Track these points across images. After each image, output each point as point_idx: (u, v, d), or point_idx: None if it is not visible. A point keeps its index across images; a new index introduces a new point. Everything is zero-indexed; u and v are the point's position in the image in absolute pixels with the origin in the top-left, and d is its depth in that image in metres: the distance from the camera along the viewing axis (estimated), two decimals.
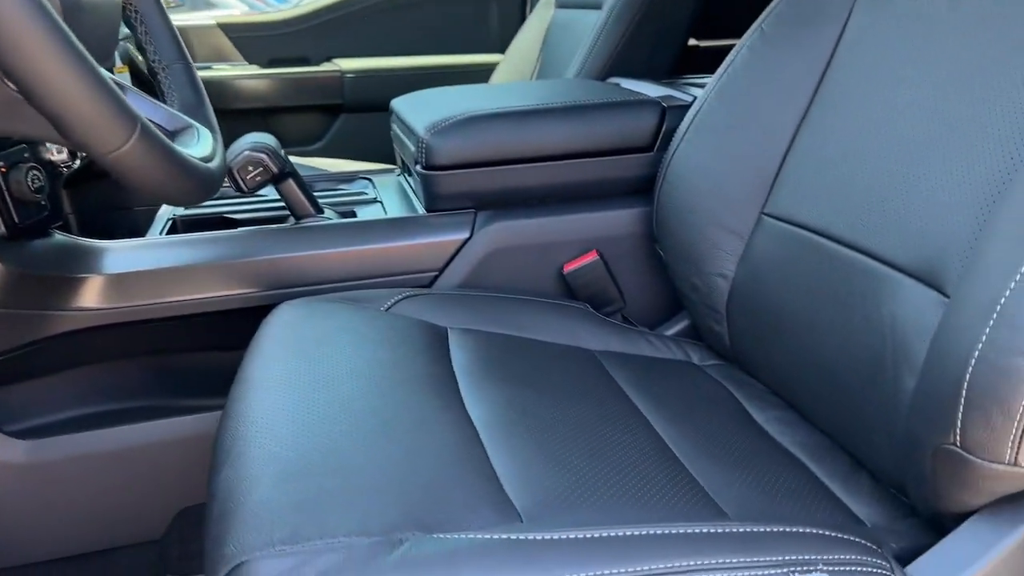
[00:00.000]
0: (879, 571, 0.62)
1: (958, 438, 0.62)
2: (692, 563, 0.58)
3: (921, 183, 0.77)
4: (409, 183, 1.30)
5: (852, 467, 0.84)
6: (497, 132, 1.09)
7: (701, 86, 1.31)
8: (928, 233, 0.75)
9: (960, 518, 0.67)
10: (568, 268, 1.12)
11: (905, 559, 0.67)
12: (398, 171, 1.40)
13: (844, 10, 0.95)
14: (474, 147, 1.09)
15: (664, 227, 1.08)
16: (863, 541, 0.65)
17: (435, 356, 0.90)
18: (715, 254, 1.02)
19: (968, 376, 0.60)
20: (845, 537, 0.65)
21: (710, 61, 1.30)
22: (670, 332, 1.14)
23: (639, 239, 1.15)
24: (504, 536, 0.59)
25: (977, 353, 0.60)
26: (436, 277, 1.11)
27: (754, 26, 1.03)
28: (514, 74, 1.98)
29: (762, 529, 0.63)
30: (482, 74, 2.17)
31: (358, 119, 2.19)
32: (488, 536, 0.59)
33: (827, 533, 0.65)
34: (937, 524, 0.71)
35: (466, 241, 1.11)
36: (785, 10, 1.01)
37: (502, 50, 2.11)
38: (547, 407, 0.84)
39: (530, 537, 0.59)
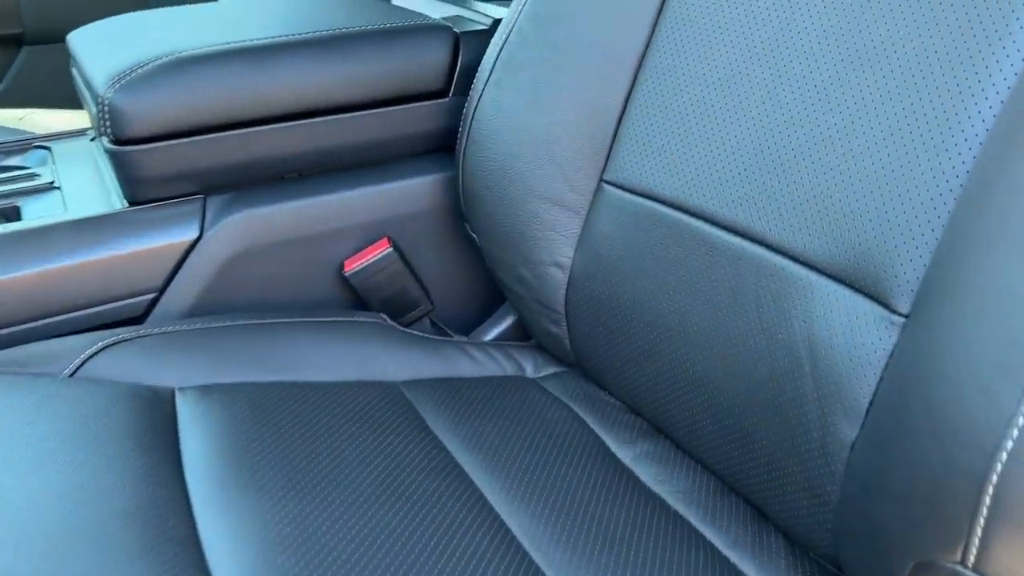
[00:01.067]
0: None
1: (972, 559, 0.41)
2: None
3: (836, 139, 0.55)
4: None
5: (756, 523, 0.63)
6: (220, 80, 0.75)
7: (500, 3, 1.03)
8: (854, 215, 0.53)
9: None
10: (350, 267, 0.83)
11: None
12: (92, 133, 1.00)
13: None
14: (186, 105, 0.74)
15: (474, 202, 0.80)
16: None
17: (157, 456, 0.58)
18: (545, 236, 0.77)
19: (995, 476, 0.39)
20: None
21: None
22: (493, 335, 0.88)
23: (442, 216, 0.87)
24: None
25: (1011, 443, 0.38)
26: (153, 303, 0.76)
27: None
28: None
29: None
30: None
31: (47, 53, 1.68)
32: None
33: None
34: None
35: (194, 243, 0.78)
36: None
37: None
38: (336, 525, 0.55)
39: None
